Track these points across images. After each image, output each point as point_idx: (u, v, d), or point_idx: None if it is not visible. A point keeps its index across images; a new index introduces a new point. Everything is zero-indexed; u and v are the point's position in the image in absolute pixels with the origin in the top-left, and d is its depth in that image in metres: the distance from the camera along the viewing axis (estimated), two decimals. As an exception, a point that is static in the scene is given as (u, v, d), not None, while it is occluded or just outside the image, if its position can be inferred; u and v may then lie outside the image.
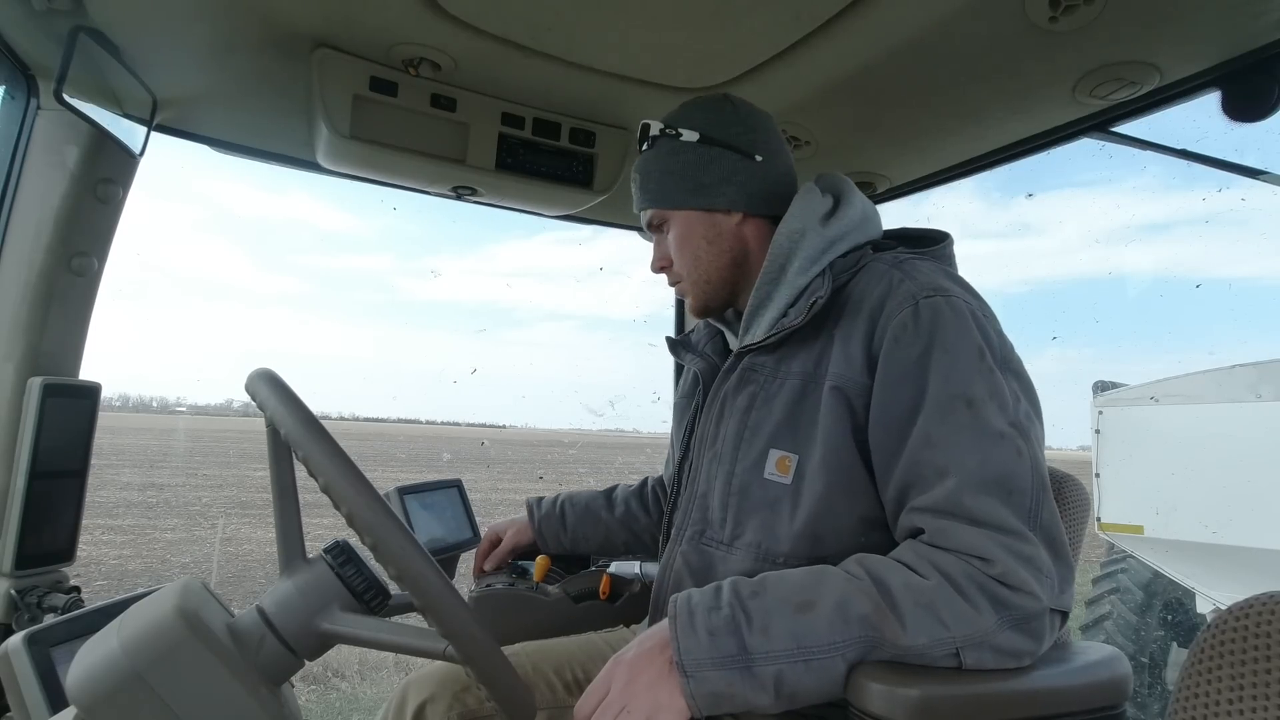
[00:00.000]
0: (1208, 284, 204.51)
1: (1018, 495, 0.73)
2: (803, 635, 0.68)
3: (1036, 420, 0.81)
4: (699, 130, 0.97)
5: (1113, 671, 0.78)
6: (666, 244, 1.02)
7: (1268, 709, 0.44)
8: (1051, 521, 0.74)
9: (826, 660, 0.68)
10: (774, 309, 0.92)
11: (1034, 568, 0.70)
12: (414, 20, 1.06)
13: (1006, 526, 0.71)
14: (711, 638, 0.68)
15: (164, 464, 19.53)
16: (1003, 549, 0.70)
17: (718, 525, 0.90)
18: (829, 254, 0.91)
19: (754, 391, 0.91)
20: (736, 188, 0.97)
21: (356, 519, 0.54)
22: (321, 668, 4.57)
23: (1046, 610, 0.71)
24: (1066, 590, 0.73)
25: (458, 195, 1.44)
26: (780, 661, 0.67)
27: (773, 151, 1.00)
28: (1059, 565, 0.73)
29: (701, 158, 0.97)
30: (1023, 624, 0.69)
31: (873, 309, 0.84)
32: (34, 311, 1.10)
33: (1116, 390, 4.10)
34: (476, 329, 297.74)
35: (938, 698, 0.67)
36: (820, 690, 0.69)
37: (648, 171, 1.00)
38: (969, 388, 0.77)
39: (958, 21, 0.99)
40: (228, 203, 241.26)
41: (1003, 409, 0.77)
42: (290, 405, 0.57)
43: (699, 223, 0.98)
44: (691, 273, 1.00)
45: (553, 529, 1.30)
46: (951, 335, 0.79)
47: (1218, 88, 1.02)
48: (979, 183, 35.18)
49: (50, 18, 0.98)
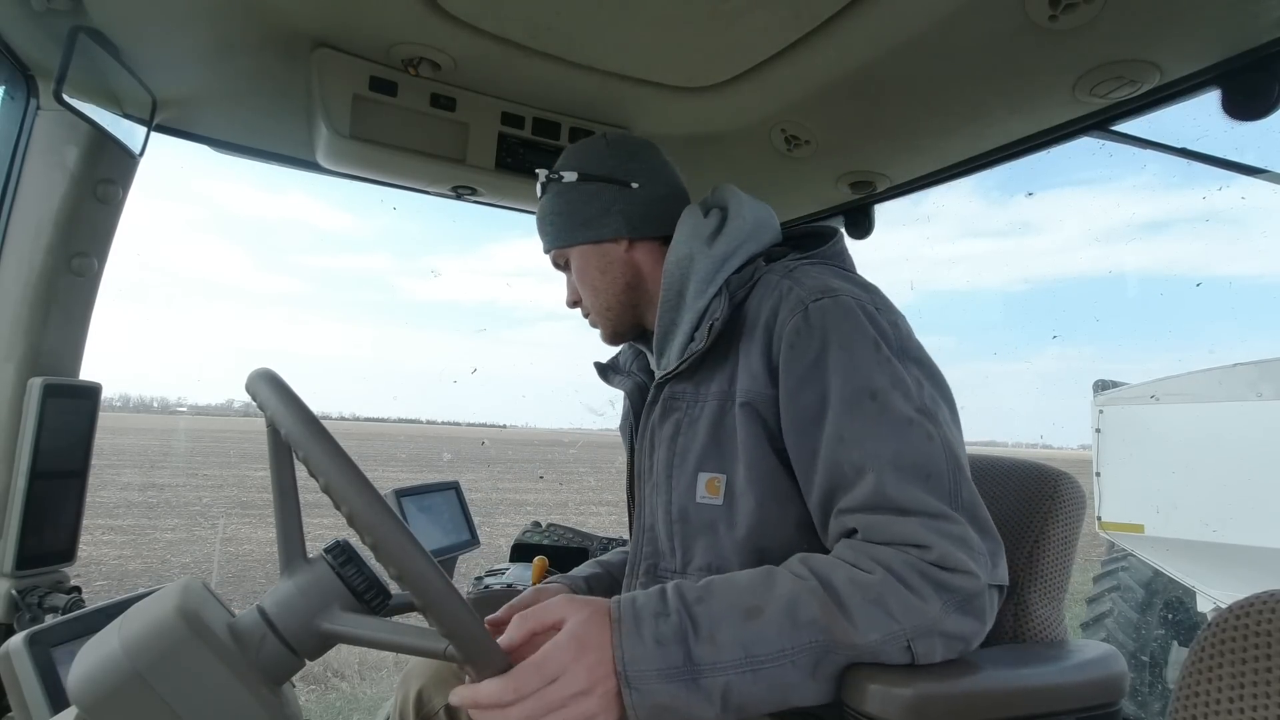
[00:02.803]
0: (1208, 282, 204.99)
1: (936, 478, 0.74)
2: (751, 643, 0.66)
3: (943, 402, 0.82)
4: (576, 170, 1.02)
5: (1108, 669, 0.78)
6: (573, 281, 1.06)
7: (1269, 708, 0.44)
8: (972, 499, 0.75)
9: (775, 669, 0.66)
10: (681, 334, 0.95)
11: (967, 547, 0.71)
12: (414, 20, 1.06)
13: (932, 510, 0.72)
14: (659, 646, 0.65)
15: (164, 464, 19.54)
16: (935, 533, 0.71)
17: (668, 555, 0.92)
18: (722, 272, 0.94)
19: (678, 419, 0.93)
20: (617, 216, 1.01)
21: (357, 519, 0.54)
22: (321, 668, 4.57)
23: (985, 588, 0.71)
24: (999, 565, 0.74)
25: (457, 195, 1.44)
26: (728, 672, 0.65)
27: (650, 176, 1.03)
28: (987, 541, 0.73)
29: (583, 194, 1.02)
30: (966, 605, 0.69)
31: (767, 321, 0.86)
32: (34, 312, 1.10)
33: (1117, 389, 4.10)
34: (476, 329, 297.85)
35: (932, 696, 0.67)
36: (769, 700, 0.67)
37: (543, 216, 1.06)
38: (870, 380, 0.78)
39: (957, 20, 0.99)
40: (227, 203, 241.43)
41: (907, 396, 0.78)
42: (291, 405, 0.57)
43: (591, 255, 1.03)
44: (593, 303, 1.05)
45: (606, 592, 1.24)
46: (845, 332, 0.81)
47: (1218, 86, 1.02)
48: (979, 181, 35.25)
49: (50, 18, 0.98)
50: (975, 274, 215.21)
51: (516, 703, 0.61)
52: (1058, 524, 0.99)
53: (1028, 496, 1.02)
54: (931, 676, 0.68)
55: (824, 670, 0.67)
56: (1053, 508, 0.99)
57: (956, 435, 0.80)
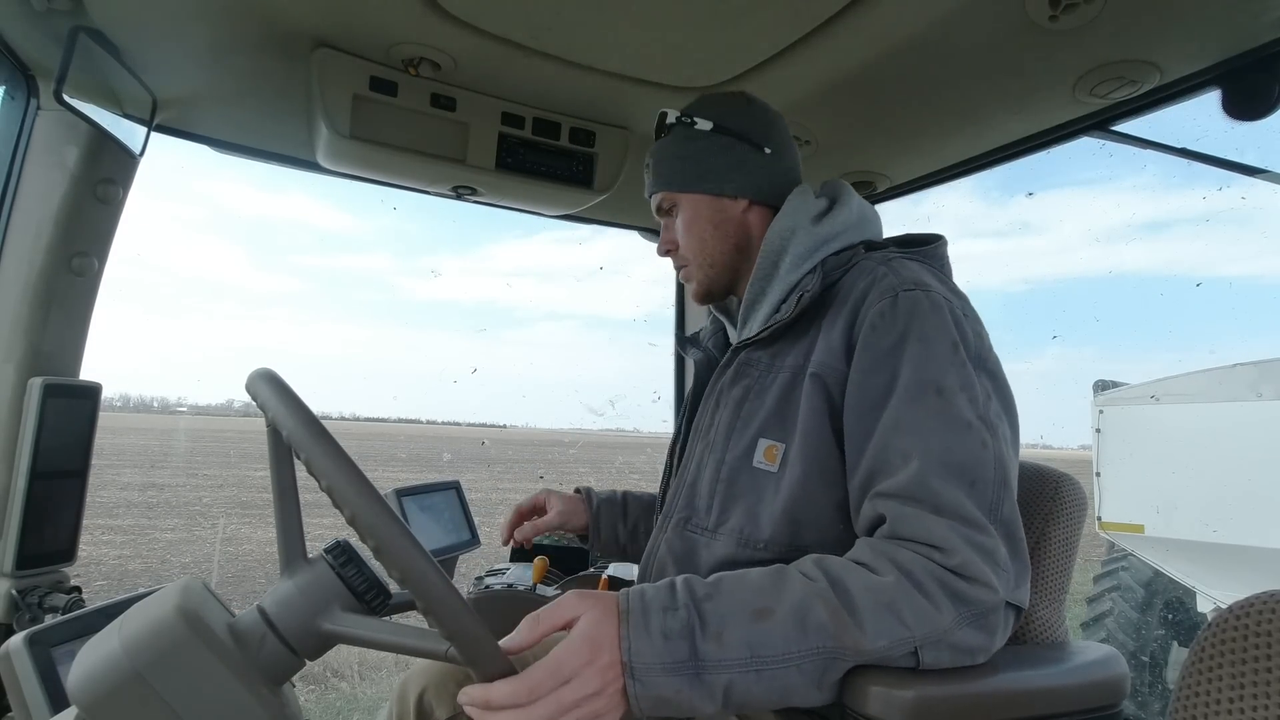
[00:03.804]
0: (1208, 283, 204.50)
1: (980, 485, 0.73)
2: (758, 645, 0.66)
3: (1006, 420, 0.82)
4: (713, 120, 1.01)
5: (1110, 671, 0.78)
6: (674, 228, 1.05)
7: (1268, 708, 0.44)
8: (1012, 518, 0.74)
9: (779, 671, 0.66)
10: (768, 304, 0.95)
11: (992, 561, 0.70)
12: (414, 20, 1.06)
13: (968, 516, 0.71)
14: (665, 640, 0.65)
15: (164, 464, 19.54)
16: (962, 539, 0.70)
17: (703, 512, 0.92)
18: (821, 251, 0.94)
19: (749, 384, 0.93)
20: (745, 176, 1.00)
21: (359, 520, 0.54)
22: (321, 668, 4.57)
23: (1002, 604, 0.70)
24: (1022, 586, 0.73)
25: (458, 195, 1.44)
26: (732, 670, 0.65)
27: (781, 147, 1.03)
28: (1016, 562, 0.73)
29: (713, 145, 1.00)
30: (979, 620, 0.69)
31: (856, 300, 0.86)
32: (34, 311, 1.10)
33: (1117, 389, 4.10)
34: (477, 329, 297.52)
35: (934, 699, 0.67)
36: (770, 699, 0.67)
37: (661, 157, 1.04)
38: (941, 377, 0.78)
39: (958, 20, 0.99)
40: (228, 203, 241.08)
41: (972, 402, 0.77)
42: (291, 406, 0.57)
43: (706, 207, 1.01)
44: (697, 255, 1.03)
45: (611, 519, 1.22)
46: (927, 327, 0.81)
47: (1218, 86, 1.02)
48: (979, 181, 35.17)
49: (50, 18, 0.98)
50: (975, 274, 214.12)
51: (530, 704, 0.61)
52: (1059, 525, 0.99)
53: (1029, 498, 1.01)
54: (933, 679, 0.68)
55: (829, 676, 0.67)
56: (1054, 509, 0.99)
57: (1011, 455, 0.80)
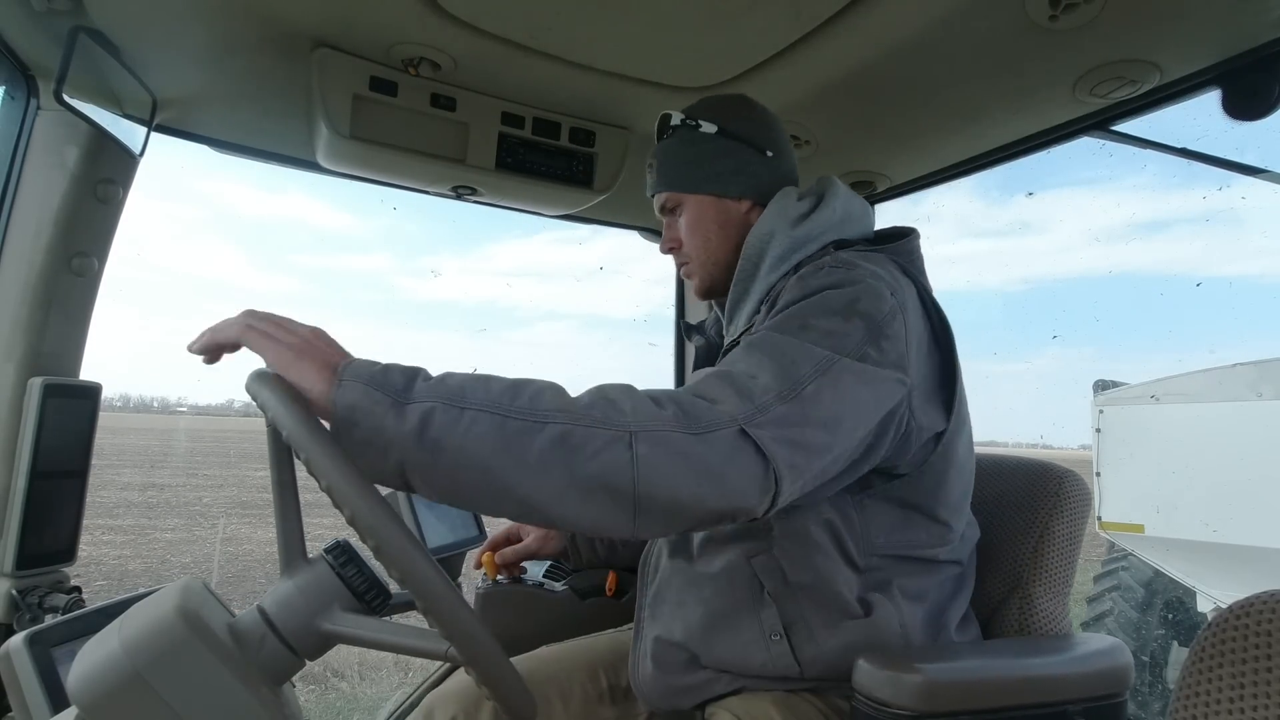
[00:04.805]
0: (1208, 282, 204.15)
1: (787, 371, 0.72)
2: (471, 390, 0.64)
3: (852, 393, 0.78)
4: (717, 123, 1.02)
5: (1115, 660, 0.79)
6: (678, 227, 1.06)
7: (1269, 708, 0.44)
8: (816, 397, 0.71)
9: (482, 415, 0.62)
10: (750, 304, 0.97)
11: (744, 393, 0.69)
12: (414, 20, 1.06)
13: (750, 383, 0.71)
14: (385, 371, 0.64)
15: (164, 464, 19.54)
16: (728, 385, 0.70)
17: None
18: (797, 254, 0.95)
19: None
20: (748, 178, 1.02)
21: (359, 520, 0.54)
22: (321, 668, 4.57)
23: (736, 428, 0.67)
24: (794, 448, 0.68)
25: (458, 195, 1.44)
26: (435, 400, 0.62)
27: (782, 150, 1.06)
28: (788, 410, 0.69)
29: (718, 148, 1.02)
30: (705, 434, 0.66)
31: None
32: (34, 312, 1.10)
33: (1117, 389, 4.11)
34: (477, 329, 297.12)
35: (941, 683, 0.68)
36: (468, 452, 0.62)
37: (665, 158, 1.05)
38: (815, 320, 0.79)
39: (958, 20, 0.99)
40: (228, 203, 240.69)
41: (830, 346, 0.75)
42: (291, 406, 0.57)
43: (711, 208, 1.03)
44: (700, 254, 1.04)
45: (588, 538, 1.23)
46: (832, 293, 0.82)
47: (1218, 86, 1.02)
48: (978, 181, 35.15)
49: (50, 18, 0.98)
50: (975, 274, 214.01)
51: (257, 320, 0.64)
52: (1062, 520, 1.00)
53: (1033, 493, 1.03)
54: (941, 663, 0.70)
55: (539, 442, 0.63)
56: (1058, 504, 1.00)
57: (834, 404, 0.74)
